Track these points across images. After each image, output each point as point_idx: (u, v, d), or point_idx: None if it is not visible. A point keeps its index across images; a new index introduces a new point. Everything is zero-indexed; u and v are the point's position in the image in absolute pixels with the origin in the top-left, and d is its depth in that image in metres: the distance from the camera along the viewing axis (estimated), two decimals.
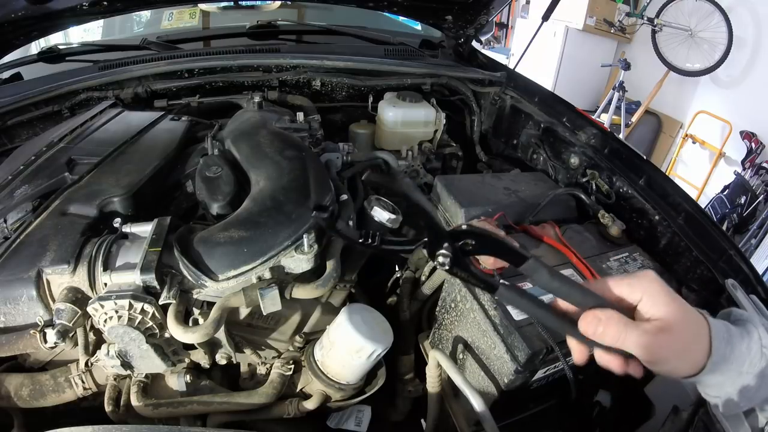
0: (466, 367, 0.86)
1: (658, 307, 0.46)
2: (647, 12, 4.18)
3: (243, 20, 1.75)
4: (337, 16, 1.90)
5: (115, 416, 0.79)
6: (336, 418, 0.90)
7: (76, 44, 1.58)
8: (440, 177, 1.07)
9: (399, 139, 1.34)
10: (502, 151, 1.52)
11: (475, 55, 1.68)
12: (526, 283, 0.77)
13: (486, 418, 0.71)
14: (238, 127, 1.03)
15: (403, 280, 1.04)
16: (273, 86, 1.38)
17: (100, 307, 0.67)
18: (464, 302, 0.83)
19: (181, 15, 1.87)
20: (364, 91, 1.44)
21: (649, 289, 0.47)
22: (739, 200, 3.32)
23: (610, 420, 0.92)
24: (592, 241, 0.95)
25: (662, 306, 0.46)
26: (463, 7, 1.46)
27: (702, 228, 0.91)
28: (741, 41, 3.64)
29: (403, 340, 0.98)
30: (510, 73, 1.54)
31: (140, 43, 1.48)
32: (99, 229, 0.78)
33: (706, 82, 4.02)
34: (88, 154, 0.91)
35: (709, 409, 0.63)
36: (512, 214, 0.96)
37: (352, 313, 0.79)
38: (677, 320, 0.46)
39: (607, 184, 1.09)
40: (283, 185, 0.82)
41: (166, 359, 0.75)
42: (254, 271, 0.73)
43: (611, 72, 4.79)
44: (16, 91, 1.21)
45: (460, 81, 1.49)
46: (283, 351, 0.86)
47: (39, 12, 1.12)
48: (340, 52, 1.47)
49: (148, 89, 1.28)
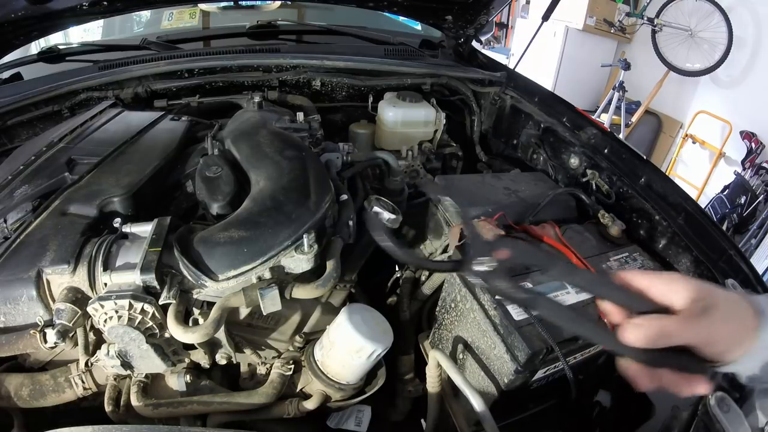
0: (466, 367, 0.86)
1: (695, 291, 0.44)
2: (647, 12, 4.17)
3: (243, 20, 1.75)
4: (337, 16, 1.90)
5: (115, 416, 0.79)
6: (336, 418, 0.90)
7: (76, 44, 1.58)
8: (440, 177, 1.07)
9: (399, 139, 1.34)
10: (502, 151, 1.52)
11: (475, 55, 1.68)
12: (526, 282, 0.77)
13: (486, 418, 0.71)
14: (238, 127, 1.03)
15: (403, 280, 1.04)
16: (273, 86, 1.38)
17: (100, 307, 0.67)
18: (464, 302, 0.83)
19: (181, 15, 1.87)
20: (364, 91, 1.44)
21: (681, 282, 0.45)
22: (739, 200, 3.31)
23: (610, 420, 0.92)
24: (592, 241, 0.95)
25: (697, 290, 0.44)
26: (463, 7, 1.46)
27: (702, 228, 0.91)
28: (741, 41, 3.64)
29: (403, 340, 0.98)
30: (510, 73, 1.54)
31: (140, 43, 1.48)
32: (99, 229, 0.78)
33: (706, 82, 4.01)
34: (88, 154, 0.91)
35: (709, 409, 0.63)
36: (512, 214, 0.96)
37: (352, 313, 0.79)
38: (717, 296, 0.45)
39: (607, 184, 1.09)
40: (283, 185, 0.82)
41: (166, 359, 0.75)
42: (254, 271, 0.73)
43: (611, 72, 4.79)
44: (16, 91, 1.21)
45: (460, 81, 1.50)
46: (283, 351, 0.86)
47: (39, 12, 1.12)
48: (340, 52, 1.47)
49: (148, 89, 1.28)
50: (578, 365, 0.77)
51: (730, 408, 0.62)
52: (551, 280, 0.51)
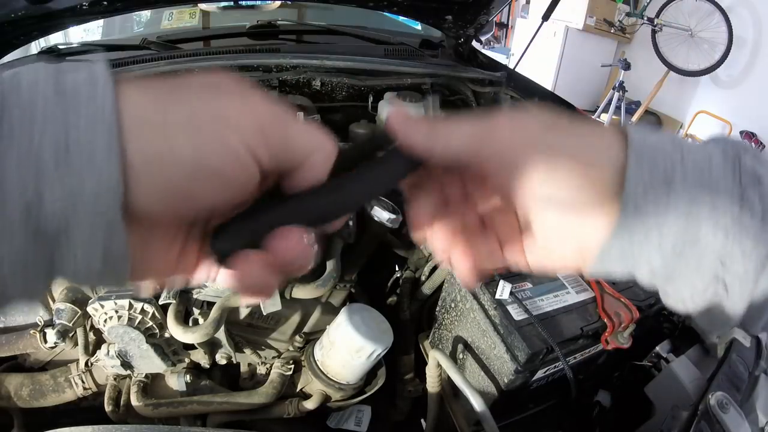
0: (466, 367, 0.86)
1: None
2: (647, 12, 4.17)
3: (243, 20, 1.75)
4: (337, 16, 1.90)
5: (115, 416, 0.79)
6: (336, 418, 0.90)
7: (76, 44, 1.58)
8: None
9: None
10: None
11: (475, 55, 1.68)
12: (525, 283, 0.77)
13: (486, 418, 0.71)
14: None
15: (403, 280, 1.04)
16: (273, 86, 1.38)
17: (100, 307, 0.67)
18: (464, 302, 0.83)
19: (181, 15, 1.87)
20: (364, 91, 1.44)
21: None
22: None
23: (610, 420, 0.92)
24: None
25: None
26: (463, 7, 1.46)
27: None
28: (741, 41, 3.64)
29: (403, 340, 0.98)
30: (510, 73, 1.54)
31: (140, 43, 1.48)
32: None
33: (706, 82, 4.02)
34: None
35: (709, 409, 0.63)
36: None
37: (352, 313, 0.79)
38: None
39: None
40: None
41: (166, 359, 0.75)
42: None
43: (611, 72, 4.79)
44: None
45: (460, 81, 1.49)
46: (283, 351, 0.86)
47: (39, 12, 1.12)
48: (340, 52, 1.47)
49: None
50: (578, 365, 0.77)
51: (730, 408, 0.62)
52: None
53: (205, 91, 0.23)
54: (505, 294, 0.74)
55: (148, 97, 0.21)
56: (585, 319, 0.73)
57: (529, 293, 0.76)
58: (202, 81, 0.23)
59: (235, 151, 0.22)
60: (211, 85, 0.23)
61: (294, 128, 0.24)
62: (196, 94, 0.22)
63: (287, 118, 0.24)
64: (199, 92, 0.23)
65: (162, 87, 0.22)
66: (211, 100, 0.22)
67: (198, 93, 0.22)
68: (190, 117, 0.21)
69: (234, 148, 0.22)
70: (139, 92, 0.21)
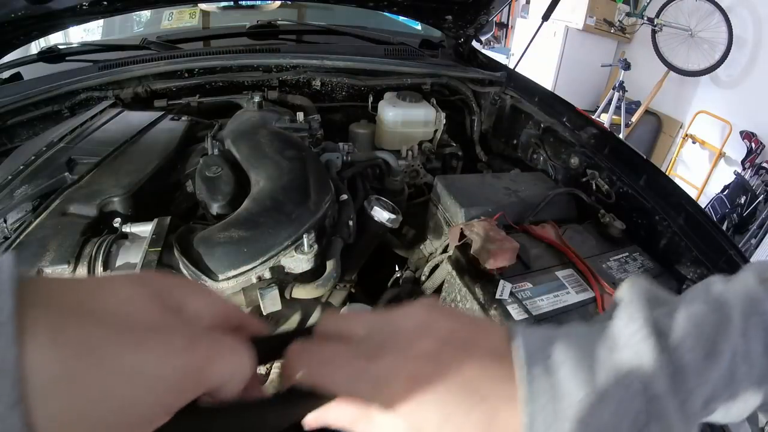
0: None
1: None
2: (647, 12, 4.18)
3: (243, 20, 1.75)
4: (337, 16, 1.90)
5: None
6: None
7: (76, 44, 1.58)
8: (440, 177, 1.07)
9: (399, 139, 1.34)
10: (502, 151, 1.52)
11: (475, 55, 1.68)
12: (526, 283, 0.77)
13: None
14: (238, 127, 1.03)
15: (403, 280, 1.04)
16: (273, 86, 1.38)
17: None
18: (464, 302, 0.83)
19: (181, 15, 1.87)
20: (364, 91, 1.44)
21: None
22: (739, 200, 3.32)
23: None
24: (592, 241, 0.95)
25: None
26: (463, 7, 1.46)
27: (702, 228, 0.91)
28: (741, 41, 3.64)
29: None
30: (510, 73, 1.54)
31: (140, 43, 1.48)
32: (99, 229, 0.78)
33: (706, 82, 4.02)
34: (88, 154, 0.91)
35: None
36: (512, 214, 0.96)
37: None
38: None
39: (607, 184, 1.09)
40: (283, 185, 0.82)
41: None
42: (254, 271, 0.73)
43: (611, 72, 4.79)
44: (16, 91, 1.21)
45: (460, 81, 1.50)
46: None
47: (39, 12, 1.12)
48: (340, 52, 1.47)
49: (148, 89, 1.28)
50: None
51: None
52: None
53: (122, 333, 0.22)
54: (505, 294, 0.74)
55: (55, 349, 0.20)
56: (585, 319, 0.73)
57: (529, 293, 0.76)
58: (120, 308, 0.23)
59: (149, 411, 0.22)
60: (127, 317, 0.22)
61: (216, 363, 0.25)
62: (113, 339, 0.21)
63: (208, 355, 0.24)
64: (116, 336, 0.22)
65: (71, 329, 0.20)
66: (126, 351, 0.21)
67: (115, 337, 0.21)
68: (102, 376, 0.20)
69: (148, 408, 0.22)
70: (47, 341, 0.20)
